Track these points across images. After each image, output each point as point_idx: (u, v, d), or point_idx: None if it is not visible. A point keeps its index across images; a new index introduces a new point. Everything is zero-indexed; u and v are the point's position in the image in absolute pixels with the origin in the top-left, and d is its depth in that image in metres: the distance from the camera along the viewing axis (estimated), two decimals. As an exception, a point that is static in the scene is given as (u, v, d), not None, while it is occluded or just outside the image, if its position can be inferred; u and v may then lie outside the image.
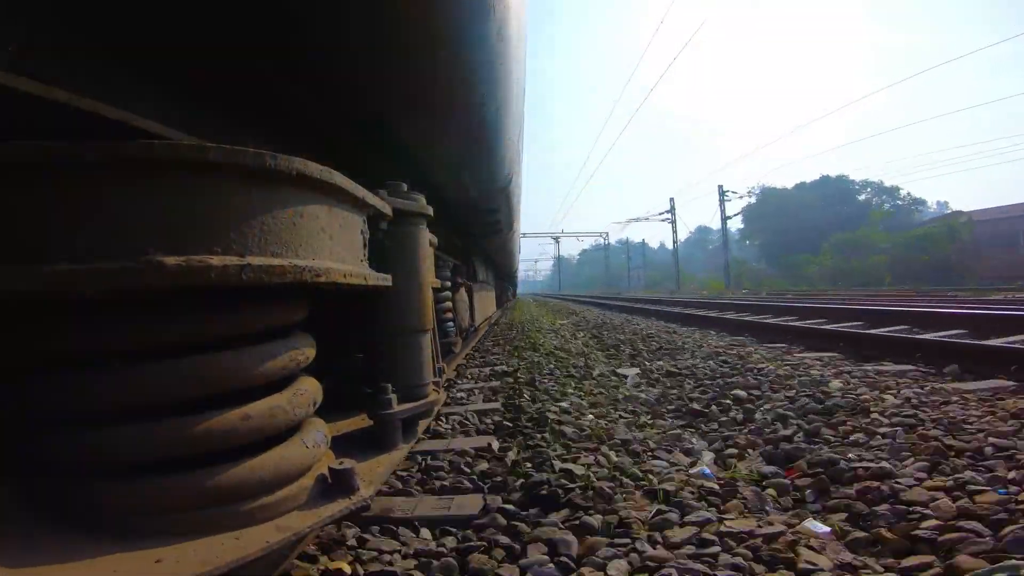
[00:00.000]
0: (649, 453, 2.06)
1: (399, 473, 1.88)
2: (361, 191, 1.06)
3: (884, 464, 1.72)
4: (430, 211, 1.49)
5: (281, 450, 0.86)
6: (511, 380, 3.74)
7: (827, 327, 5.67)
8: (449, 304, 3.04)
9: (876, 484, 1.58)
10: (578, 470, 1.76)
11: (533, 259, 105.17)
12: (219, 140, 1.21)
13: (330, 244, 0.95)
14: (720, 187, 37.54)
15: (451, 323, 3.10)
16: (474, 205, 3.55)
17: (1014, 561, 1.12)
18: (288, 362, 0.91)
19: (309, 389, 0.96)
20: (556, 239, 68.66)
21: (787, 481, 1.74)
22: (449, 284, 3.18)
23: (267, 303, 0.90)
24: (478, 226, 4.52)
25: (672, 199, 43.50)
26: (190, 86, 1.23)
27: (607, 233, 69.37)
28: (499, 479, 1.78)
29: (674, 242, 44.85)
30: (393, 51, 1.29)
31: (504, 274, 12.22)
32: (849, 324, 6.04)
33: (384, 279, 1.18)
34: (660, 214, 43.84)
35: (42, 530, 0.74)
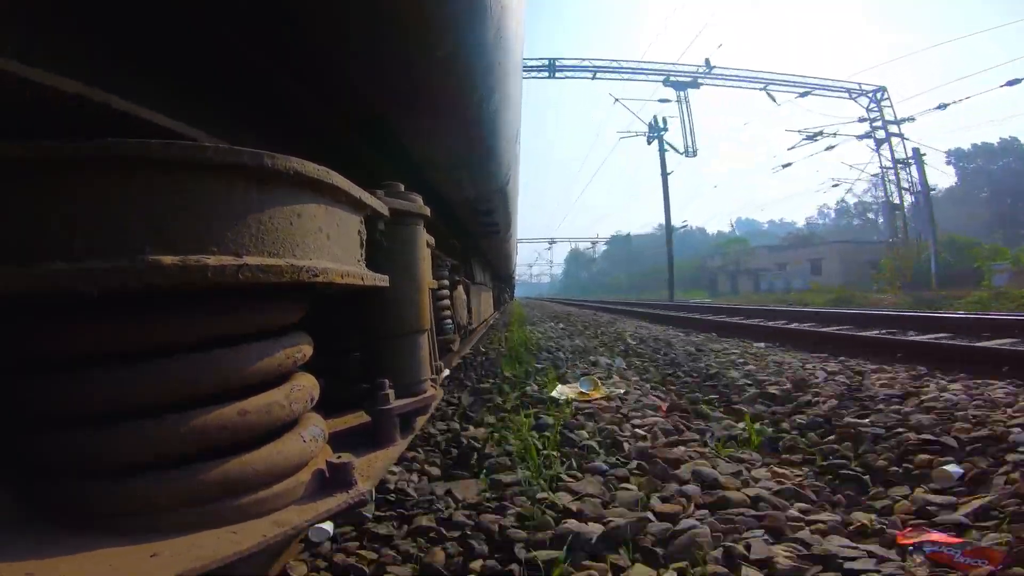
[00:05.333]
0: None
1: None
2: (358, 191, 1.07)
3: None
4: (427, 211, 1.50)
5: (278, 445, 0.87)
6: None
7: None
8: (447, 303, 3.05)
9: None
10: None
11: (546, 244, 78.29)
12: (219, 139, 1.22)
13: (327, 244, 0.95)
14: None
15: (449, 321, 3.11)
16: (472, 206, 3.55)
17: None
18: (285, 359, 0.92)
19: (306, 385, 0.97)
20: (659, 130, 28.71)
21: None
22: (447, 283, 3.19)
23: (265, 302, 0.91)
24: (476, 227, 4.52)
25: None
26: (191, 86, 1.24)
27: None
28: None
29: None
30: (392, 52, 1.30)
31: (501, 276, 12.23)
32: None
33: (381, 279, 1.18)
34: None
35: (39, 528, 0.74)
